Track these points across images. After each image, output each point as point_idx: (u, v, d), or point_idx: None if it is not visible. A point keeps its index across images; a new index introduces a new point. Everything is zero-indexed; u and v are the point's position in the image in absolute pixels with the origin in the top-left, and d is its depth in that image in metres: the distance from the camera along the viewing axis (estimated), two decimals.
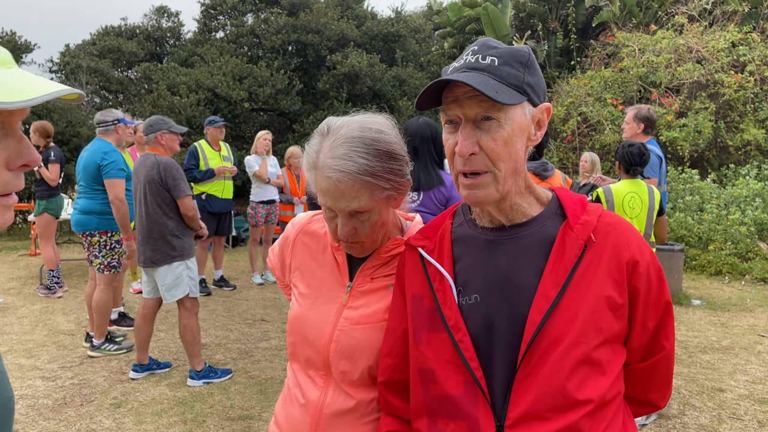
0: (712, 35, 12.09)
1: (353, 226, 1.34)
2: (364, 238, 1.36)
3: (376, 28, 15.95)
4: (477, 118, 1.11)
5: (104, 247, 5.07)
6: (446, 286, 1.20)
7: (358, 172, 1.26)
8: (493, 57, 1.12)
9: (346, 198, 1.28)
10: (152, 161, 4.40)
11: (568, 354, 1.07)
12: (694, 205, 9.87)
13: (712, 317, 6.57)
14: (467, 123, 1.12)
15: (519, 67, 1.12)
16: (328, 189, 1.29)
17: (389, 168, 1.31)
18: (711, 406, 4.19)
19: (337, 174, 1.26)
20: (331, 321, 1.42)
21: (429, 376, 1.19)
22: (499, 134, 1.11)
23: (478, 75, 1.10)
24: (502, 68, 1.11)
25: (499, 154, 1.11)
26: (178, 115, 12.41)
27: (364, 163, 1.27)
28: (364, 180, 1.27)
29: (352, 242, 1.37)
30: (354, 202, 1.29)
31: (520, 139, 1.14)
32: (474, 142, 1.11)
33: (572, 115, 12.20)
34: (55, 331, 5.78)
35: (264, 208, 7.92)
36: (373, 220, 1.34)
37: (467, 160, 1.12)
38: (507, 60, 1.12)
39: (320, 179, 1.31)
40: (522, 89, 1.11)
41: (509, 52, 1.13)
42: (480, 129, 1.12)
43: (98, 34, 16.36)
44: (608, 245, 1.14)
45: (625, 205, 4.02)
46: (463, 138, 1.11)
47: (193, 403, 4.19)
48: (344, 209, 1.30)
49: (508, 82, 1.10)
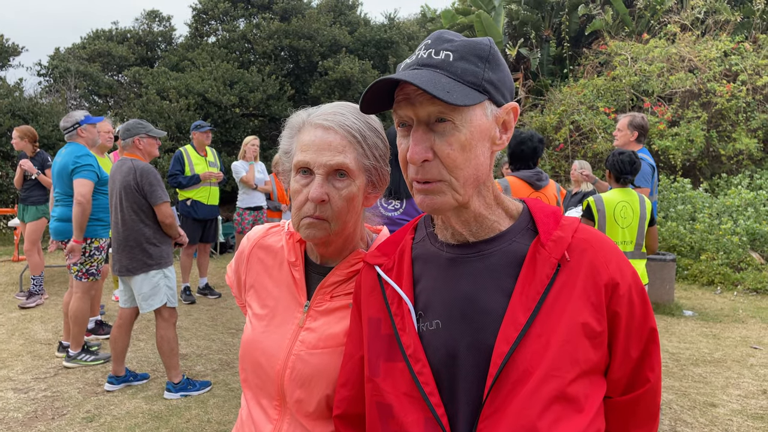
0: (705, 44, 12.08)
1: (326, 191, 1.20)
2: (334, 213, 1.22)
3: (368, 35, 15.87)
4: (430, 119, 0.98)
5: (82, 254, 4.92)
6: (405, 310, 1.07)
7: (351, 127, 1.22)
8: (447, 51, 0.99)
9: (332, 150, 1.20)
10: (128, 166, 4.26)
11: (539, 389, 0.94)
12: (686, 215, 9.80)
13: (704, 328, 6.47)
14: (419, 125, 0.99)
15: (477, 62, 0.99)
16: (314, 140, 1.21)
17: (376, 144, 1.26)
18: (703, 422, 4.07)
19: (329, 123, 1.21)
20: (286, 345, 1.28)
21: (387, 412, 1.06)
22: (455, 138, 0.97)
23: (429, 72, 0.97)
24: (458, 64, 0.98)
25: (455, 161, 0.98)
26: (167, 120, 12.27)
27: (357, 123, 1.23)
28: (354, 137, 1.22)
29: (318, 217, 1.21)
30: (339, 157, 1.20)
31: (480, 144, 1.00)
32: (427, 147, 0.98)
33: (564, 123, 12.15)
34: (32, 340, 5.61)
35: (251, 215, 7.78)
36: (350, 191, 1.22)
37: (420, 168, 1.00)
38: (463, 54, 0.99)
39: (307, 132, 1.23)
40: (481, 87, 0.98)
41: (466, 45, 1.00)
42: (434, 132, 0.98)
43: (89, 38, 16.22)
44: (584, 264, 1.01)
45: (617, 214, 3.91)
46: (414, 143, 0.98)
47: (168, 418, 4.04)
48: (326, 163, 1.20)
49: (465, 80, 0.97)
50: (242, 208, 7.76)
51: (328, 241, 1.27)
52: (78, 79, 14.26)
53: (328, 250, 1.31)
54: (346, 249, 1.32)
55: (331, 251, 1.32)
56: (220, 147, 12.95)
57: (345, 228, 1.26)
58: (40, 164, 6.86)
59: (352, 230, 1.30)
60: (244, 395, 1.40)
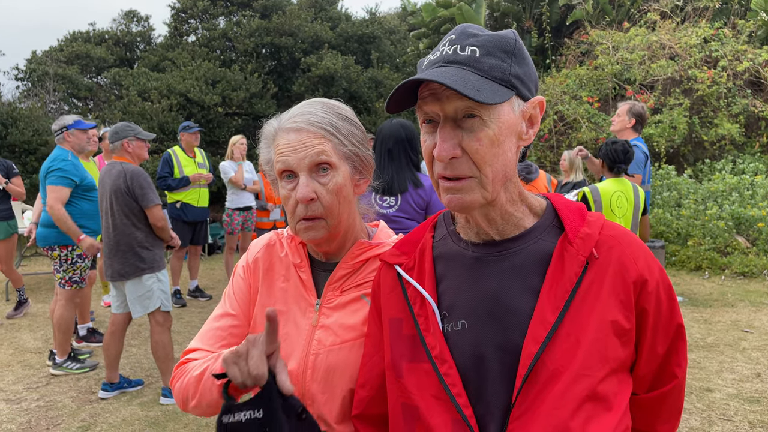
0: (685, 31, 12.15)
1: (313, 189, 1.21)
2: (326, 209, 1.22)
3: (350, 30, 15.80)
4: (458, 115, 0.96)
5: (65, 262, 4.84)
6: (428, 310, 1.05)
7: (321, 123, 1.23)
8: (473, 47, 0.96)
9: (309, 146, 1.21)
10: (118, 170, 4.19)
11: (570, 389, 0.93)
12: (672, 201, 9.88)
13: (695, 314, 6.53)
14: (447, 122, 0.97)
15: (504, 57, 0.96)
16: (288, 143, 1.22)
17: (352, 131, 1.27)
18: (700, 407, 4.11)
19: (299, 124, 1.22)
20: (303, 346, 1.27)
21: (413, 414, 1.04)
22: (484, 134, 0.95)
23: (457, 70, 0.94)
24: (484, 59, 0.95)
25: (484, 157, 0.96)
26: (149, 121, 12.12)
27: (326, 117, 1.24)
28: (327, 130, 1.23)
29: (311, 218, 1.22)
30: (316, 149, 1.20)
31: (508, 140, 0.98)
32: (455, 144, 0.96)
33: (548, 113, 12.18)
34: (21, 349, 5.52)
35: (240, 215, 7.70)
36: (336, 182, 1.23)
37: (448, 164, 0.97)
38: (489, 49, 0.96)
39: (280, 138, 1.24)
40: (509, 83, 0.96)
41: (492, 39, 0.97)
42: (462, 128, 0.96)
43: (66, 40, 15.96)
44: (612, 262, 0.99)
45: (613, 204, 3.92)
46: (442, 139, 0.96)
47: (165, 423, 3.99)
48: (305, 158, 1.20)
49: (492, 76, 0.95)
50: (231, 209, 7.69)
51: (329, 238, 1.27)
52: (56, 82, 14.04)
53: (331, 247, 1.31)
54: (347, 241, 1.33)
55: (334, 247, 1.32)
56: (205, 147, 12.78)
57: (341, 221, 1.27)
58: (5, 172, 6.42)
59: (350, 221, 1.30)
60: None
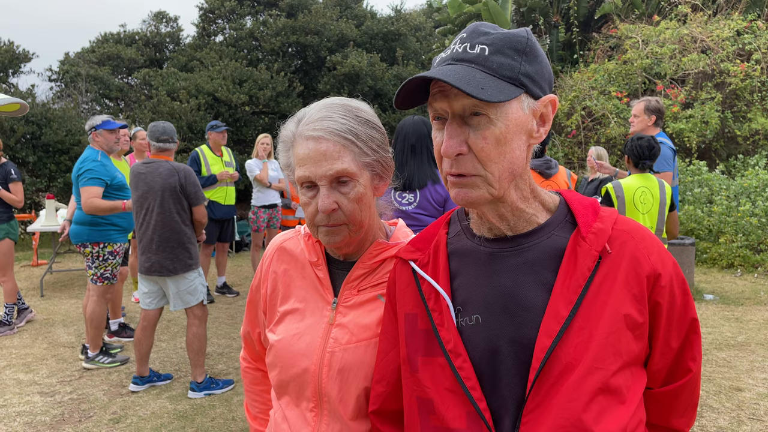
0: (717, 24, 11.88)
1: (335, 200, 1.21)
2: (348, 217, 1.22)
3: (375, 28, 15.81)
4: (465, 112, 0.97)
5: (96, 258, 4.96)
6: (443, 305, 1.06)
7: (341, 131, 1.19)
8: (483, 45, 0.97)
9: (329, 159, 1.18)
10: (169, 168, 4.28)
11: (583, 382, 0.93)
12: (703, 198, 9.69)
13: (726, 312, 6.41)
14: (454, 119, 0.98)
15: (514, 56, 0.97)
16: (308, 153, 1.19)
17: (372, 136, 1.24)
18: (729, 406, 4.04)
19: (318, 132, 1.19)
20: (319, 344, 1.28)
21: (428, 407, 1.05)
22: (490, 132, 0.96)
23: (464, 68, 0.95)
24: (493, 58, 0.96)
25: (489, 155, 0.97)
26: (178, 121, 12.32)
27: (346, 123, 1.20)
28: (347, 139, 1.20)
29: (333, 225, 1.23)
30: (337, 164, 1.18)
31: (516, 138, 0.99)
32: (461, 141, 0.97)
33: (576, 109, 12.03)
34: (55, 343, 5.68)
35: (266, 213, 7.79)
36: (357, 192, 1.22)
37: (454, 162, 0.98)
38: (500, 48, 0.97)
39: (299, 146, 1.21)
40: (517, 81, 0.96)
41: (503, 38, 0.98)
42: (469, 126, 0.97)
43: (97, 42, 16.29)
44: (625, 256, 1.00)
45: (637, 200, 3.87)
46: (448, 136, 0.97)
47: (194, 417, 4.07)
48: (326, 174, 1.18)
49: (501, 74, 0.95)
50: (257, 207, 7.78)
51: (349, 242, 1.28)
52: (88, 83, 14.35)
53: (350, 248, 1.32)
54: (366, 241, 1.33)
55: (353, 248, 1.32)
56: (232, 146, 12.97)
57: (363, 226, 1.27)
58: (2, 177, 6.05)
59: (370, 223, 1.30)
60: (274, 399, 1.39)
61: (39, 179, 11.88)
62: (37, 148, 11.67)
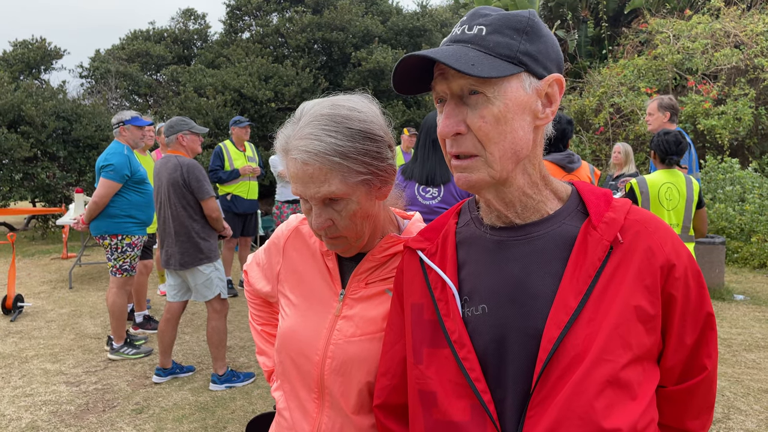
0: (751, 18, 11.59)
1: (328, 217, 1.19)
2: (345, 231, 1.21)
3: (401, 23, 15.75)
4: (463, 92, 0.95)
5: (115, 250, 5.04)
6: (449, 294, 1.04)
7: (326, 152, 1.12)
8: (480, 26, 0.96)
9: (315, 182, 1.14)
10: (174, 163, 4.33)
11: (591, 374, 0.89)
12: (734, 196, 9.46)
13: (757, 313, 6.25)
14: (452, 99, 0.97)
15: (513, 35, 0.95)
16: (297, 173, 1.15)
17: (363, 149, 1.16)
18: (758, 409, 3.93)
19: (303, 155, 1.13)
20: (324, 335, 1.27)
21: (430, 399, 1.03)
22: (488, 110, 0.94)
23: (458, 47, 0.94)
24: (490, 37, 0.94)
25: (488, 134, 0.94)
26: (204, 117, 12.45)
27: (333, 142, 1.13)
28: (333, 161, 1.13)
29: (332, 237, 1.22)
30: (324, 187, 1.14)
31: (518, 118, 0.96)
32: (459, 121, 0.95)
33: (604, 105, 11.84)
34: (82, 334, 5.79)
35: (290, 208, 7.83)
36: (350, 210, 1.18)
37: (454, 141, 0.97)
38: (498, 28, 0.95)
39: (290, 164, 1.17)
40: (516, 59, 0.94)
41: (502, 18, 0.96)
42: (467, 105, 0.96)
43: (127, 39, 16.54)
44: (638, 246, 0.96)
45: (662, 196, 3.79)
46: (446, 116, 0.96)
47: (214, 409, 4.11)
48: (315, 195, 1.16)
49: (497, 53, 0.93)
50: (281, 202, 7.83)
51: (351, 247, 1.26)
52: (118, 79, 14.59)
53: (355, 251, 1.30)
54: (375, 237, 1.30)
55: (358, 250, 1.30)
56: (257, 141, 13.06)
57: (363, 234, 1.25)
58: None
59: (375, 226, 1.28)
60: (280, 387, 1.38)
61: (69, 173, 12.12)
62: (68, 143, 11.90)
